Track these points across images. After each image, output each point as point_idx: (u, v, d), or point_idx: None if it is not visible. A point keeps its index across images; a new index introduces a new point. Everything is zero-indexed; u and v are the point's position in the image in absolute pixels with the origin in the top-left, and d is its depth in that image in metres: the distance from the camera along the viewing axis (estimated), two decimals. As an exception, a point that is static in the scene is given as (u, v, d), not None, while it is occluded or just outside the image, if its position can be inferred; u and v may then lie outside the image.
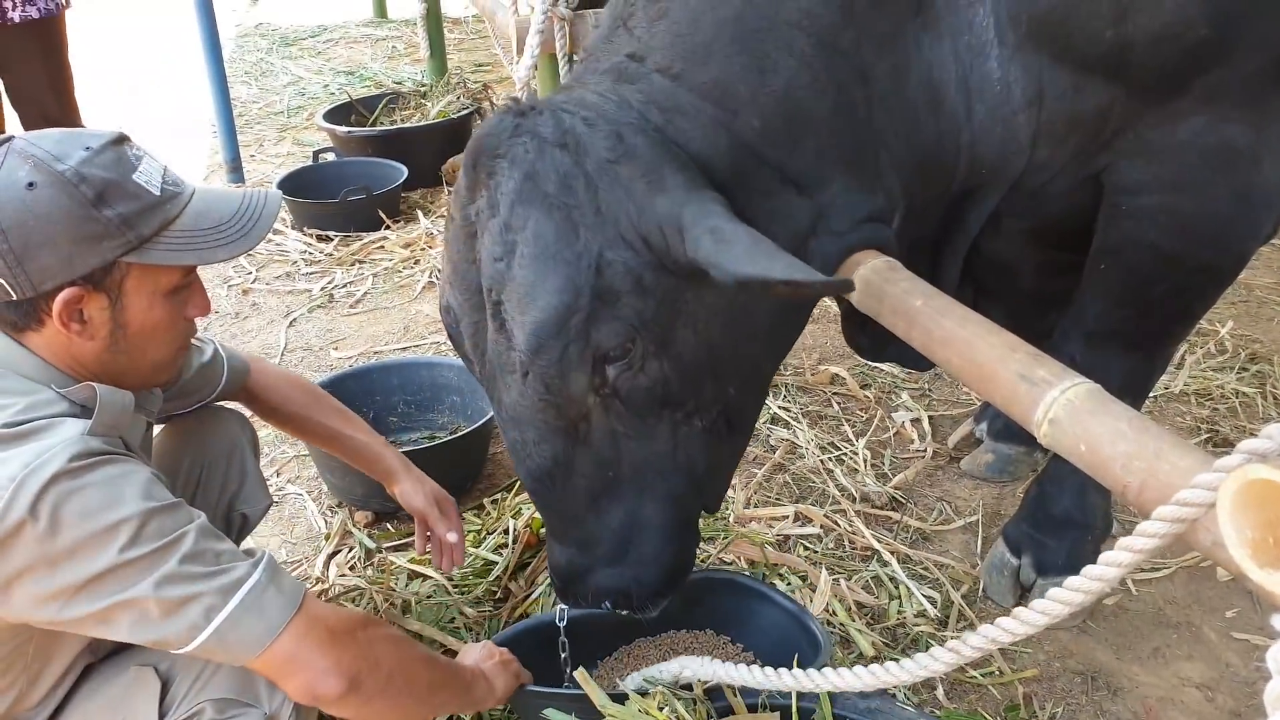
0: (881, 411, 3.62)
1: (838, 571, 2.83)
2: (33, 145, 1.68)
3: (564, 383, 1.80)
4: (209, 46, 5.74)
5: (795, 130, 1.92)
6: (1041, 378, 1.60)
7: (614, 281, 1.76)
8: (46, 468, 1.58)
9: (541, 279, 1.73)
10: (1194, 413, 3.54)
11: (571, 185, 1.75)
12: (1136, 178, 2.13)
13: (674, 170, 1.76)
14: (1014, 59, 1.98)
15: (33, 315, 1.72)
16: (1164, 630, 2.70)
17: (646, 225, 1.74)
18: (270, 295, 4.71)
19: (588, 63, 2.03)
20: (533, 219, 1.74)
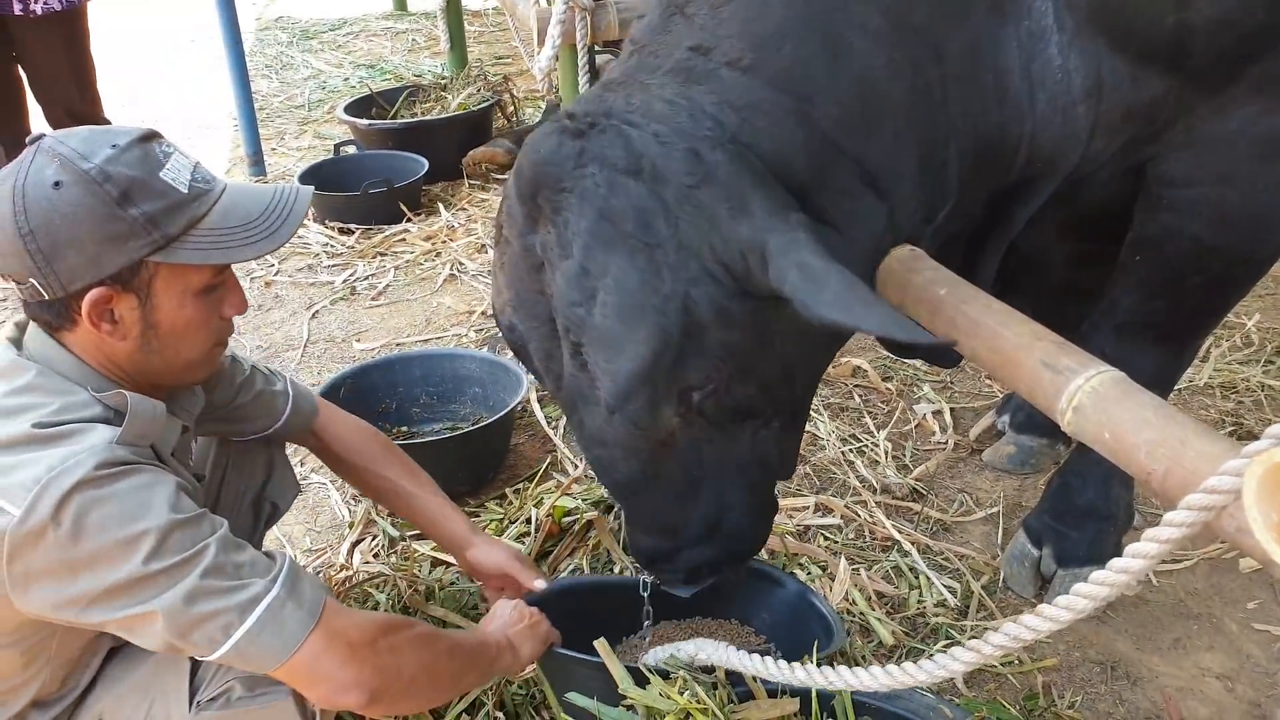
0: (903, 404, 3.62)
1: (858, 561, 2.84)
2: (60, 143, 1.68)
3: (652, 419, 1.77)
4: (230, 40, 5.76)
5: (873, 115, 1.81)
6: (1066, 366, 1.60)
7: (700, 317, 1.67)
8: (71, 474, 1.58)
9: (629, 330, 1.65)
10: (1219, 406, 3.54)
11: (651, 222, 1.64)
12: (1183, 170, 2.09)
13: (755, 189, 1.64)
14: (1072, 46, 1.89)
15: (65, 315, 1.73)
16: (1184, 621, 2.70)
17: (729, 253, 1.64)
18: (293, 287, 4.74)
19: (642, 57, 1.86)
20: (613, 265, 1.64)
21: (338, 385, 3.36)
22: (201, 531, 1.68)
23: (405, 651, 1.85)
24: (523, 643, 2.15)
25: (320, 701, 1.82)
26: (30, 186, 1.65)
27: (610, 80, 1.88)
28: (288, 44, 8.78)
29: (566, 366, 1.81)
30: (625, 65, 1.90)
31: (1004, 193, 2.10)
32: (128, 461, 1.66)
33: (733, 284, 1.67)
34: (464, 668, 2.02)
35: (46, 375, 1.73)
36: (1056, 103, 1.93)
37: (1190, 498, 1.29)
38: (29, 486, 1.57)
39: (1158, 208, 2.16)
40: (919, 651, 2.55)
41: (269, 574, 1.72)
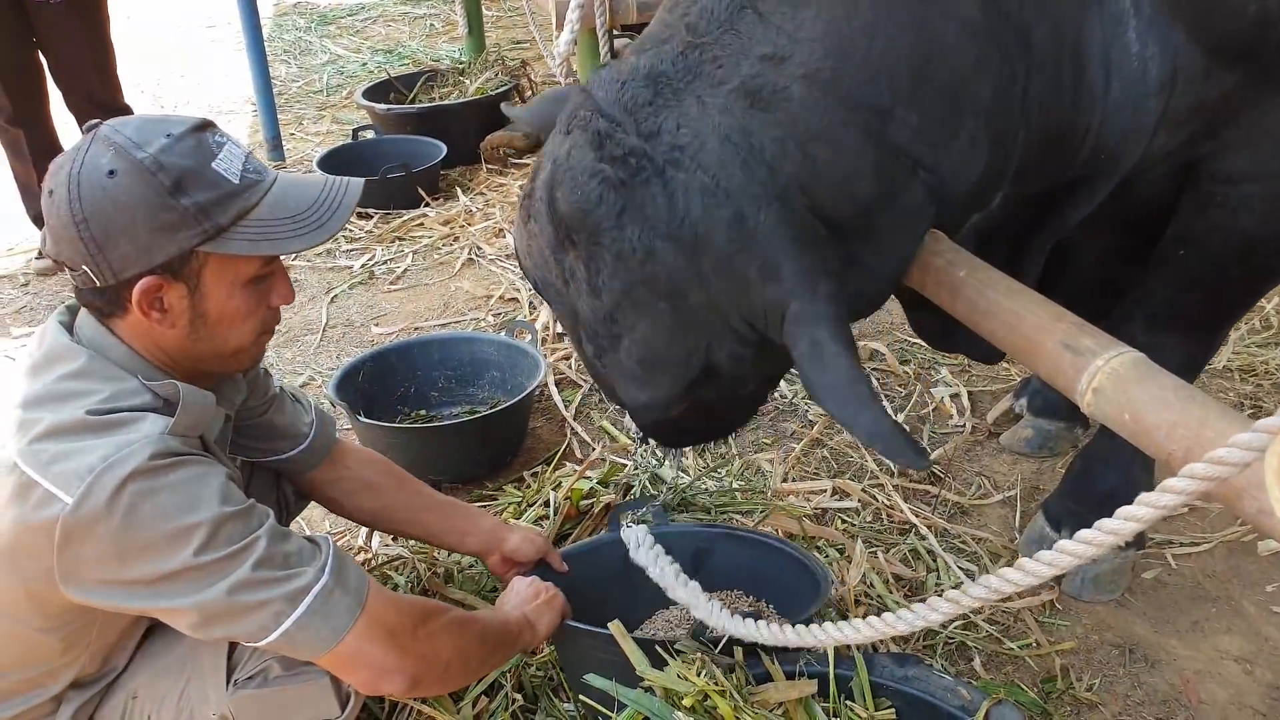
0: (920, 387, 3.61)
1: (875, 544, 2.84)
2: (116, 132, 1.69)
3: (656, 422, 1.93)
4: (249, 25, 5.78)
5: (955, 119, 1.69)
6: (1086, 347, 1.60)
7: (718, 364, 1.75)
8: (125, 463, 1.60)
9: (650, 376, 1.74)
10: (1237, 389, 3.52)
11: (686, 291, 1.63)
12: (1240, 166, 2.02)
13: (792, 255, 1.59)
14: (1150, 32, 1.77)
15: (116, 302, 1.74)
16: (1203, 604, 2.69)
17: (753, 310, 1.65)
18: (311, 272, 4.75)
19: (702, 52, 1.67)
20: (642, 324, 1.67)
21: (356, 369, 3.37)
22: (252, 523, 1.71)
23: (441, 638, 1.89)
24: (540, 618, 2.18)
25: (362, 687, 1.85)
26: (85, 174, 1.66)
27: (658, 72, 1.68)
28: (306, 29, 8.79)
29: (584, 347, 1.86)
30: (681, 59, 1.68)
31: (1062, 188, 2.01)
32: (180, 453, 1.68)
33: (751, 335, 1.70)
34: (493, 650, 2.05)
35: (98, 361, 1.75)
36: (1129, 93, 1.82)
37: (1192, 466, 1.28)
38: (83, 475, 1.59)
39: (1209, 204, 2.08)
40: (936, 634, 2.55)
41: (317, 562, 1.75)
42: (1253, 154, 2.00)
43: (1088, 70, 1.80)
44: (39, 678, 1.84)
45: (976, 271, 1.88)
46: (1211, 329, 2.42)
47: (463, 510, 2.52)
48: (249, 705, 1.90)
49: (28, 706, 1.85)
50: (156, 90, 7.45)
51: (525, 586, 2.24)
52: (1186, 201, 2.13)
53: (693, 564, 2.48)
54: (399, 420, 3.42)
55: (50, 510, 1.60)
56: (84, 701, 1.90)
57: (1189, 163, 2.08)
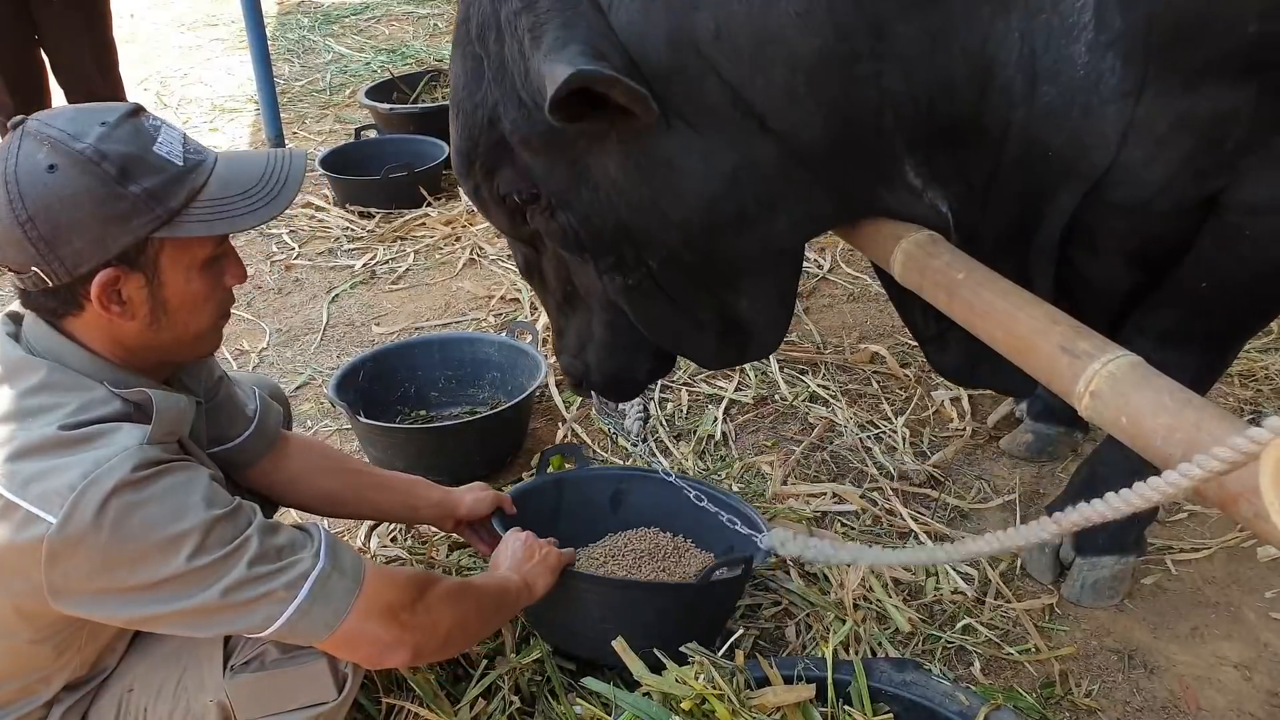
0: (921, 390, 3.61)
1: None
2: (47, 125, 1.63)
3: (484, 209, 2.08)
4: (251, 23, 5.77)
5: (762, 57, 1.78)
6: (1083, 350, 1.59)
7: (507, 136, 1.90)
8: (108, 479, 1.58)
9: (453, 119, 1.98)
10: (1237, 394, 3.51)
11: (485, 34, 1.85)
12: (1266, 196, 1.92)
13: (559, 27, 1.73)
14: (1114, 46, 1.75)
15: (72, 301, 1.69)
16: (1202, 610, 2.68)
17: (532, 85, 1.79)
18: (313, 271, 4.75)
19: None
20: (455, 61, 1.93)
21: (357, 369, 3.36)
22: (240, 522, 1.70)
23: (440, 608, 1.91)
24: (537, 579, 2.21)
25: (366, 662, 1.89)
26: (23, 173, 1.60)
27: None
28: (309, 28, 8.78)
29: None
30: None
31: (1028, 195, 2.01)
32: (161, 460, 1.66)
33: (538, 115, 1.80)
34: (490, 614, 2.09)
35: (59, 371, 1.70)
36: (1074, 100, 1.82)
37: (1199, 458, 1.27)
38: (64, 494, 1.56)
39: (1234, 236, 2.00)
40: (936, 638, 2.55)
41: (310, 548, 1.76)
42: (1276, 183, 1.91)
43: (998, 76, 1.83)
44: (33, 685, 1.83)
45: (974, 272, 1.88)
46: (1225, 347, 2.38)
47: (410, 483, 2.51)
48: (246, 690, 1.89)
49: (21, 714, 1.84)
50: (159, 89, 7.45)
51: (519, 546, 2.28)
52: (1209, 233, 2.04)
53: (611, 504, 2.76)
54: (399, 420, 3.42)
55: (34, 531, 1.57)
56: (75, 701, 1.89)
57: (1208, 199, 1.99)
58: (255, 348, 4.10)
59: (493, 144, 1.91)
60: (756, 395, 3.59)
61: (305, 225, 5.15)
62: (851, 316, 4.14)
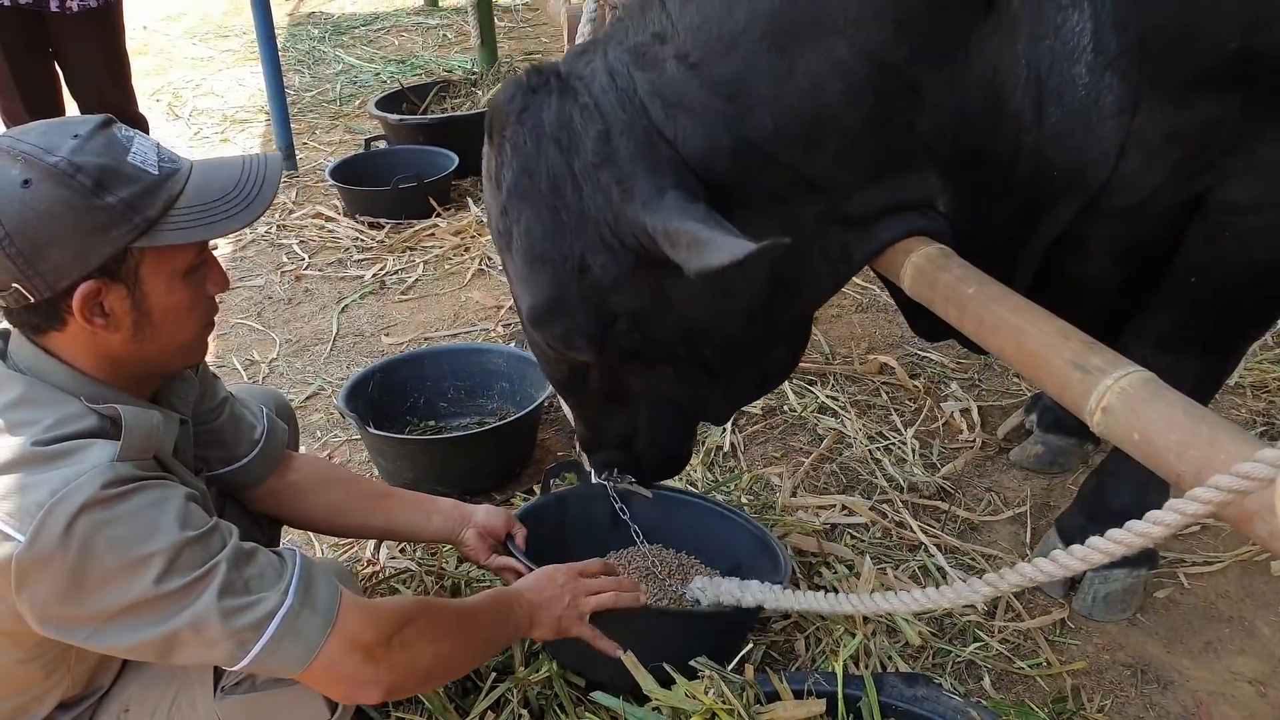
0: (930, 401, 3.60)
1: (885, 561, 2.82)
2: (19, 141, 1.62)
3: (563, 348, 2.06)
4: (263, 35, 5.79)
5: (816, 136, 1.89)
6: (1095, 365, 1.59)
7: (596, 281, 1.92)
8: (77, 495, 1.55)
9: (532, 273, 1.94)
10: (1249, 405, 3.49)
11: (560, 187, 1.86)
12: (1248, 196, 2.00)
13: (645, 177, 1.81)
14: (1111, 66, 1.84)
15: (54, 316, 1.68)
16: (1216, 624, 2.67)
17: (622, 230, 1.85)
18: (323, 281, 4.76)
19: (617, 27, 1.99)
20: (525, 215, 1.90)
21: (366, 379, 3.37)
22: (212, 547, 1.67)
23: (420, 644, 1.84)
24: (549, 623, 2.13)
25: (340, 699, 1.86)
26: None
27: (596, 39, 2.06)
28: (320, 39, 8.82)
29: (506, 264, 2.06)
30: (610, 28, 2.04)
31: (1029, 206, 2.07)
32: (134, 478, 1.63)
33: (628, 256, 1.89)
34: (480, 649, 2.03)
35: (37, 387, 1.69)
36: (1076, 119, 1.90)
37: (1219, 478, 1.27)
38: (33, 511, 1.54)
39: (1218, 236, 2.07)
40: (945, 651, 2.53)
41: (281, 583, 1.71)
42: (1258, 183, 1.98)
43: (1009, 103, 1.91)
44: (27, 704, 1.82)
45: (985, 287, 1.87)
46: (1225, 351, 2.39)
47: (417, 496, 2.49)
48: (237, 711, 1.89)
49: None
50: (171, 100, 7.48)
51: (555, 587, 2.18)
52: (1195, 233, 2.11)
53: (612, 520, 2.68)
54: (408, 431, 3.42)
55: (3, 549, 1.55)
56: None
57: (1194, 198, 2.05)
58: (265, 358, 4.11)
59: (582, 291, 1.94)
60: (765, 406, 3.58)
61: (315, 236, 5.16)
62: (860, 327, 4.14)
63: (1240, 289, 2.18)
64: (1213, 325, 2.28)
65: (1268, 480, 1.18)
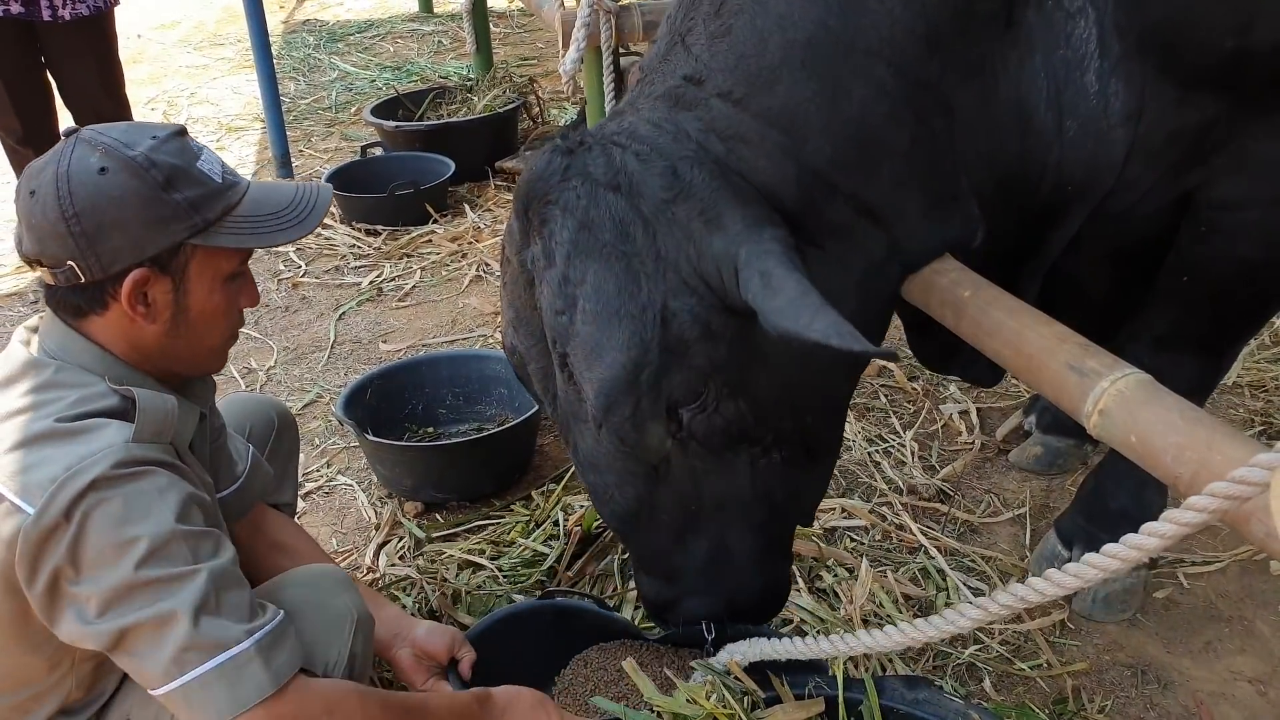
0: (929, 404, 3.60)
1: (885, 564, 2.82)
2: (101, 135, 1.75)
3: (638, 435, 1.77)
4: (258, 43, 5.78)
5: (870, 159, 1.81)
6: (1091, 368, 1.59)
7: (681, 331, 1.69)
8: (87, 473, 1.62)
9: (606, 336, 1.68)
10: (1247, 405, 3.50)
11: (628, 231, 1.68)
12: (1235, 193, 2.02)
13: (733, 205, 1.67)
14: (1116, 71, 1.84)
15: (98, 299, 1.78)
16: (1216, 624, 2.67)
17: (706, 267, 1.66)
18: (319, 289, 4.76)
19: (643, 86, 1.90)
20: (591, 272, 1.68)
21: (364, 387, 3.37)
22: (201, 550, 1.68)
23: None
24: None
25: None
26: (75, 172, 1.71)
27: (616, 109, 1.96)
28: (315, 46, 8.80)
29: (558, 382, 1.83)
30: (630, 95, 1.95)
31: (1035, 216, 2.05)
32: (145, 461, 1.68)
33: (713, 298, 1.69)
34: None
35: (65, 370, 1.78)
36: (1089, 128, 1.89)
37: (1215, 485, 1.27)
38: (45, 485, 1.61)
39: (1207, 232, 2.09)
40: (946, 654, 2.54)
41: (252, 624, 1.69)
42: (1247, 180, 2.00)
43: (1034, 118, 1.89)
44: (26, 703, 1.83)
45: (981, 291, 1.87)
46: (1220, 350, 2.40)
47: (370, 593, 2.36)
48: None
49: None
50: (166, 108, 7.47)
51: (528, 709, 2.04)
52: (1186, 230, 2.13)
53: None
54: (406, 438, 3.42)
55: (13, 522, 1.62)
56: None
57: (1183, 194, 2.07)
58: (263, 365, 4.11)
59: (667, 345, 1.69)
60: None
61: (312, 243, 5.16)
62: (859, 330, 4.13)
63: (1232, 286, 2.19)
64: (1207, 324, 2.29)
65: (1263, 485, 1.18)
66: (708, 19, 1.83)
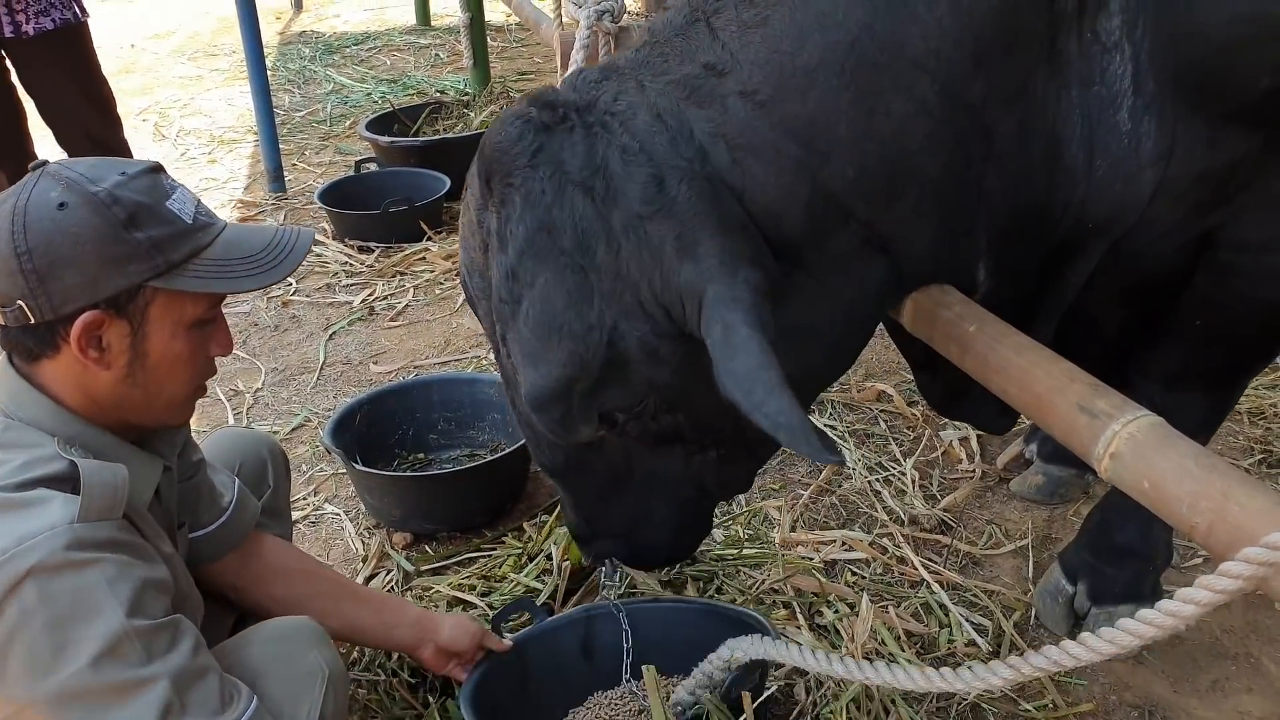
0: (929, 430, 3.54)
1: (886, 598, 2.76)
2: (67, 169, 1.69)
3: (565, 433, 1.76)
4: (252, 55, 5.73)
5: (897, 185, 1.71)
6: (1102, 409, 1.55)
7: (627, 353, 1.65)
8: (24, 559, 1.52)
9: (545, 348, 1.63)
10: (1247, 432, 3.44)
11: (590, 245, 1.59)
12: (1258, 234, 1.94)
13: (714, 234, 1.57)
14: (1149, 109, 1.73)
15: (49, 341, 1.68)
16: (1222, 661, 2.61)
17: (669, 294, 1.60)
18: (310, 307, 4.69)
19: (653, 52, 1.73)
20: (543, 278, 1.60)
21: (353, 412, 3.30)
22: (156, 647, 1.60)
23: None
24: None
25: None
26: (33, 207, 1.62)
27: (613, 65, 1.76)
28: (310, 58, 8.76)
29: (500, 353, 1.79)
30: (634, 55, 1.77)
31: (1051, 253, 1.97)
32: (92, 544, 1.57)
33: (668, 325, 1.64)
34: None
35: (14, 429, 1.68)
36: (1119, 168, 1.79)
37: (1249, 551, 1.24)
38: None
39: (1227, 273, 2.01)
40: (949, 694, 2.47)
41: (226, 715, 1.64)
42: (1271, 220, 1.92)
43: (1064, 155, 1.79)
44: None
45: (987, 326, 1.83)
46: (1230, 385, 2.36)
47: (385, 599, 2.35)
48: None
49: None
50: (158, 120, 7.42)
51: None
52: (1204, 270, 2.06)
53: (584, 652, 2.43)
54: (396, 464, 3.36)
55: None
56: None
57: (1204, 235, 2.00)
58: (250, 388, 4.03)
59: (606, 364, 1.64)
60: (761, 436, 3.52)
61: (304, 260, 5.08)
62: (857, 353, 4.08)
63: (1248, 326, 2.13)
64: (1219, 361, 2.24)
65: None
66: (740, 4, 1.68)
